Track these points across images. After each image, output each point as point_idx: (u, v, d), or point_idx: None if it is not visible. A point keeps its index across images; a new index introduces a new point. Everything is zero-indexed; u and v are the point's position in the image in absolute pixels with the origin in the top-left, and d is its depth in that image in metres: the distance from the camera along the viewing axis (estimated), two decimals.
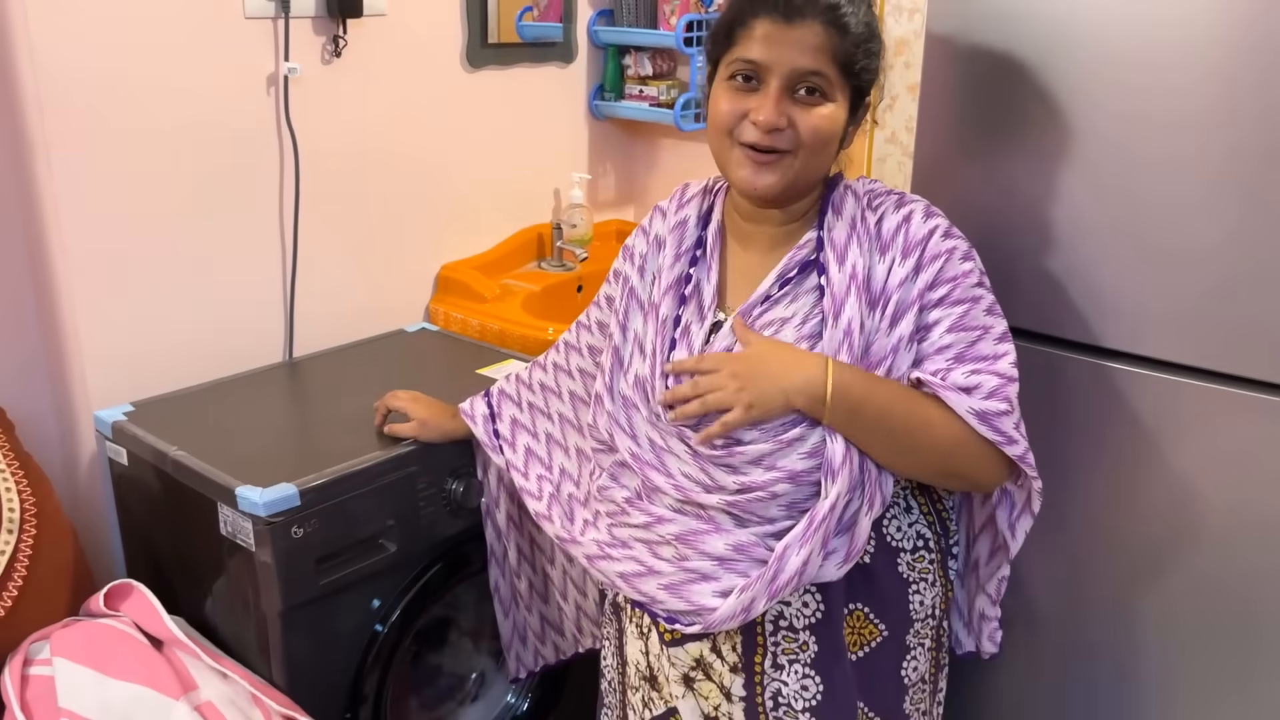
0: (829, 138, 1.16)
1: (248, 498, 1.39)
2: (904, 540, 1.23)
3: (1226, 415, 1.25)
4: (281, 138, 1.84)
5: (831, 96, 1.14)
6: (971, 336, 1.16)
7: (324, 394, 1.80)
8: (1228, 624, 1.32)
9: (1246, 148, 1.18)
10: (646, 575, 1.21)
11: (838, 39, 1.12)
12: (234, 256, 1.83)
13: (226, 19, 1.73)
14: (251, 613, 1.47)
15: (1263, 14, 1.14)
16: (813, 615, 1.20)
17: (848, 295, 1.15)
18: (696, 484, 1.19)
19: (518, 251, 2.30)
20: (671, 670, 1.28)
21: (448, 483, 1.58)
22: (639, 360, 1.27)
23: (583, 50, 2.35)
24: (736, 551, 1.16)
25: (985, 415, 1.12)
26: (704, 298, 1.25)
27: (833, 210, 1.21)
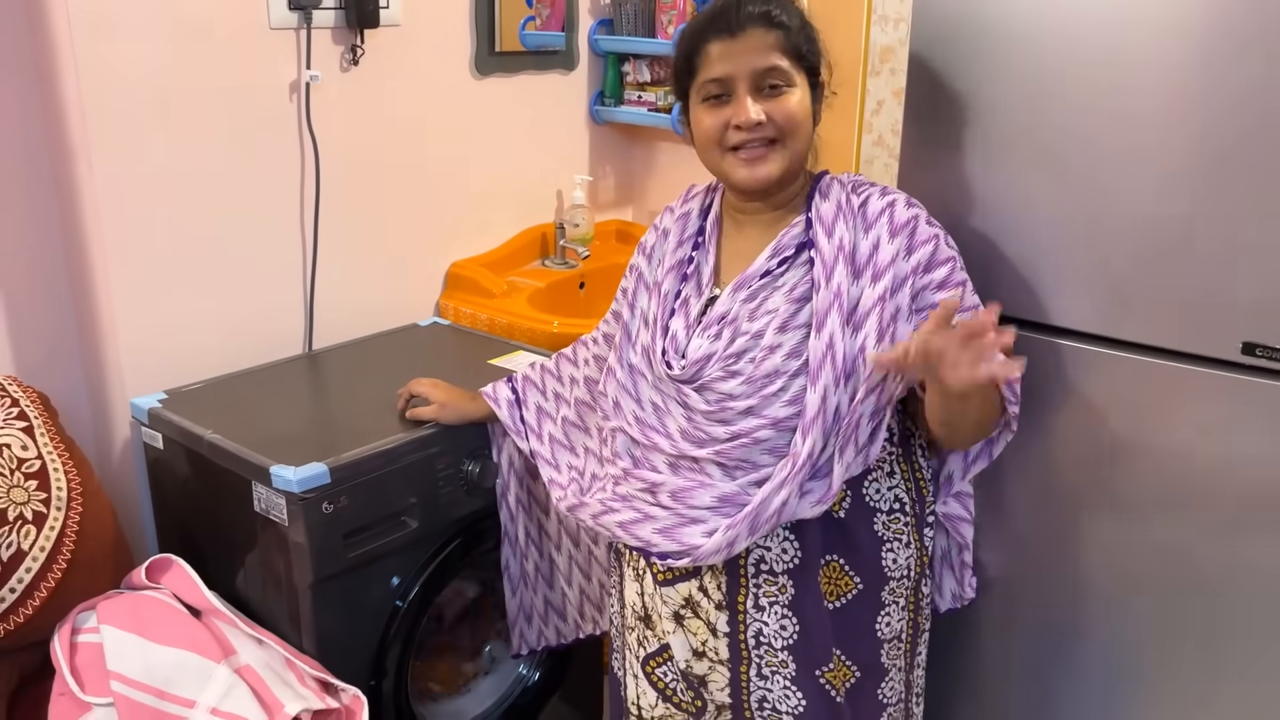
0: (803, 118, 1.31)
1: (282, 475, 1.49)
2: (881, 501, 1.36)
3: (1186, 393, 1.36)
4: (303, 142, 1.94)
5: (793, 83, 1.30)
6: (967, 316, 1.27)
7: (344, 382, 1.91)
8: (1188, 590, 1.42)
9: (1203, 141, 1.29)
10: (643, 521, 1.36)
11: (779, 35, 1.29)
12: (259, 254, 1.93)
13: (253, 30, 1.84)
14: (283, 585, 1.57)
15: (1218, 17, 1.25)
16: (791, 561, 1.34)
17: (836, 263, 1.28)
18: (691, 440, 1.33)
19: (523, 250, 2.41)
20: (663, 608, 1.41)
21: (465, 463, 1.68)
22: (644, 332, 1.42)
23: (584, 58, 2.46)
24: (722, 501, 1.31)
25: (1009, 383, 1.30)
26: (703, 276, 1.40)
27: (820, 195, 1.35)
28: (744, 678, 1.39)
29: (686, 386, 1.34)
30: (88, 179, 1.68)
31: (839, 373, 1.25)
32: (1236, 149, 1.27)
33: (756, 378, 1.29)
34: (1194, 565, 1.41)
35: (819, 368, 1.25)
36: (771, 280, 1.32)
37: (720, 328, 1.33)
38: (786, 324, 1.29)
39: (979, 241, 1.49)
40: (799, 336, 1.29)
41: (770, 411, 1.28)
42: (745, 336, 1.30)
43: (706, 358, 1.32)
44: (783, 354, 1.28)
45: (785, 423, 1.28)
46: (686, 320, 1.37)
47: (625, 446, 1.42)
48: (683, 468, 1.34)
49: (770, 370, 1.28)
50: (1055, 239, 1.43)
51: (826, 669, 1.36)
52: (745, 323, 1.31)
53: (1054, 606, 1.55)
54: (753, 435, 1.29)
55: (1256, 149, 1.25)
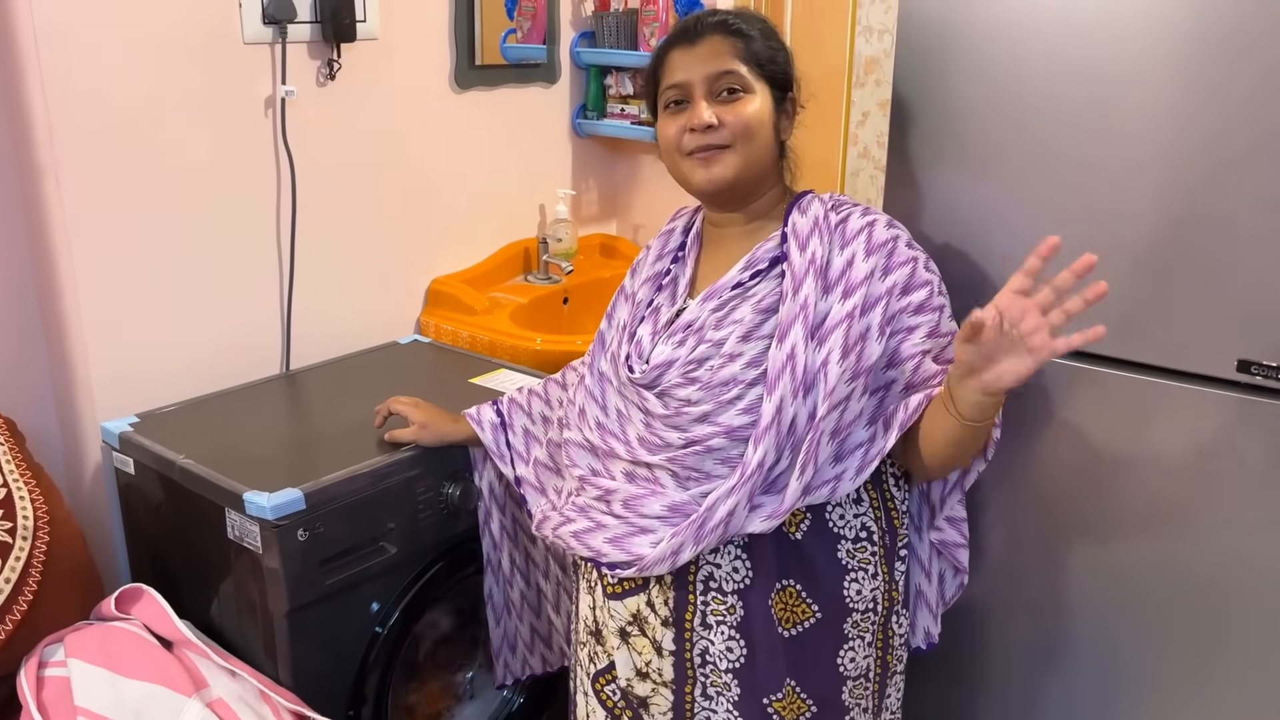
0: (757, 124, 1.30)
1: (255, 502, 1.45)
2: (846, 528, 1.32)
3: (1180, 411, 1.34)
4: (279, 158, 1.91)
5: (750, 89, 1.30)
6: (944, 341, 1.29)
7: (322, 404, 1.87)
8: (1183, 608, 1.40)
9: (1194, 156, 1.27)
10: (595, 530, 1.35)
11: (738, 42, 1.30)
12: (233, 273, 1.89)
13: (227, 44, 1.80)
14: (258, 614, 1.53)
15: (1209, 29, 1.23)
16: (741, 580, 1.31)
17: (806, 276, 1.26)
18: (646, 446, 1.32)
19: (505, 265, 2.37)
20: (610, 622, 1.39)
21: (445, 487, 1.64)
22: (616, 338, 1.42)
23: (565, 71, 2.43)
24: (672, 510, 1.29)
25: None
26: (678, 287, 1.41)
27: (798, 210, 1.34)
28: (688, 699, 1.36)
29: (647, 391, 1.33)
30: (55, 197, 1.64)
31: (798, 384, 1.23)
32: (1227, 164, 1.25)
33: (714, 384, 1.27)
34: (1188, 583, 1.38)
35: (777, 377, 1.23)
36: (742, 292, 1.31)
37: (685, 335, 1.32)
38: (750, 334, 1.28)
39: (965, 255, 1.46)
40: (761, 347, 1.27)
41: (725, 419, 1.26)
42: (707, 344, 1.30)
43: (667, 363, 1.32)
44: (742, 362, 1.27)
45: (739, 432, 1.26)
46: (654, 327, 1.38)
47: (584, 456, 1.41)
48: (638, 476, 1.33)
49: (728, 378, 1.27)
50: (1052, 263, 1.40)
51: (775, 698, 1.32)
52: (710, 331, 1.31)
53: (1047, 624, 1.52)
54: (706, 443, 1.27)
55: (1247, 164, 1.23)
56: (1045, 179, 1.38)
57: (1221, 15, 1.22)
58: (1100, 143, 1.33)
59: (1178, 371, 1.33)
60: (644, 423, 1.33)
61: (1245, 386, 1.29)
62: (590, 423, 1.41)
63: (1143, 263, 1.33)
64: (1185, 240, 1.29)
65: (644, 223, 2.60)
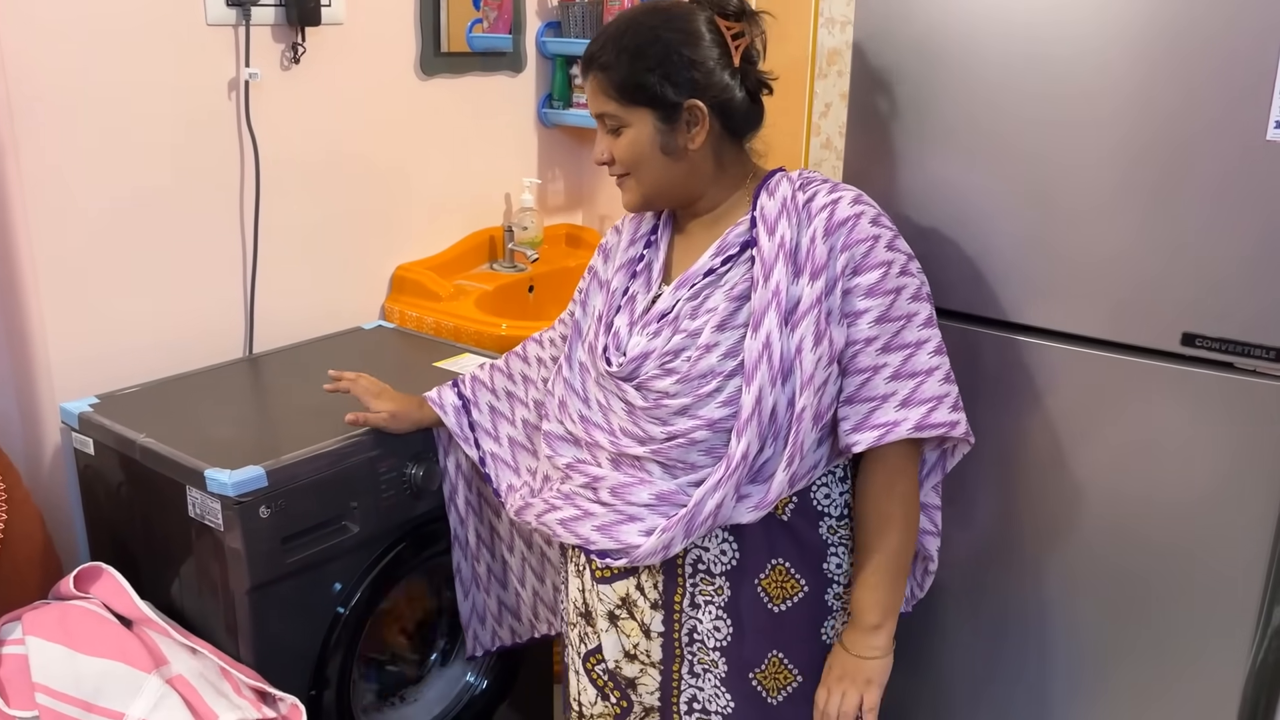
0: (638, 155, 1.30)
1: (217, 479, 1.45)
2: (830, 506, 1.33)
3: (1128, 383, 1.37)
4: (242, 141, 1.90)
5: (626, 123, 1.29)
6: (896, 326, 1.25)
7: (285, 386, 1.86)
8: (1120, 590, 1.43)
9: (1139, 137, 1.30)
10: (583, 518, 1.35)
11: (604, 80, 1.29)
12: (196, 255, 1.89)
13: (189, 26, 1.80)
14: (219, 592, 1.53)
15: (1152, 17, 1.27)
16: (729, 562, 1.32)
17: (776, 261, 1.25)
18: (631, 437, 1.32)
19: (471, 253, 2.38)
20: (599, 606, 1.40)
21: (408, 467, 1.65)
22: (593, 329, 1.40)
23: (532, 60, 2.45)
24: (659, 499, 1.29)
25: (921, 427, 1.24)
26: (652, 272, 1.39)
27: (766, 192, 1.32)
28: (675, 675, 1.38)
29: (625, 384, 1.33)
30: (15, 176, 1.63)
31: (775, 372, 1.23)
32: (1176, 148, 1.28)
33: (691, 376, 1.27)
34: (1140, 554, 1.41)
35: (754, 367, 1.23)
36: (715, 279, 1.30)
37: (660, 325, 1.31)
38: (725, 323, 1.27)
39: (924, 240, 1.49)
40: (736, 336, 1.26)
41: (705, 412, 1.26)
42: (683, 335, 1.29)
43: (644, 355, 1.31)
44: (719, 353, 1.26)
45: (721, 424, 1.26)
46: (631, 317, 1.36)
47: (567, 448, 1.41)
48: (624, 464, 1.34)
49: (705, 370, 1.26)
50: (998, 236, 1.44)
51: (758, 670, 1.34)
52: (685, 321, 1.29)
53: (1013, 597, 1.55)
54: (689, 436, 1.27)
55: (1196, 148, 1.27)
56: (999, 165, 1.41)
57: (1175, 6, 1.25)
58: (1054, 130, 1.36)
59: (1122, 345, 1.37)
60: (626, 413, 1.33)
61: (1190, 359, 1.32)
62: (572, 415, 1.40)
63: (1092, 241, 1.36)
64: (1135, 222, 1.32)
65: (609, 213, 2.62)
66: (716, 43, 1.28)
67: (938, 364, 1.26)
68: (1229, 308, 1.28)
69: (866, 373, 1.25)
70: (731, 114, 1.30)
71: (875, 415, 1.25)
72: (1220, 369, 1.30)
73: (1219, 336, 1.29)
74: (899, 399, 1.24)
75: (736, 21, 1.29)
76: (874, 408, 1.25)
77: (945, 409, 1.25)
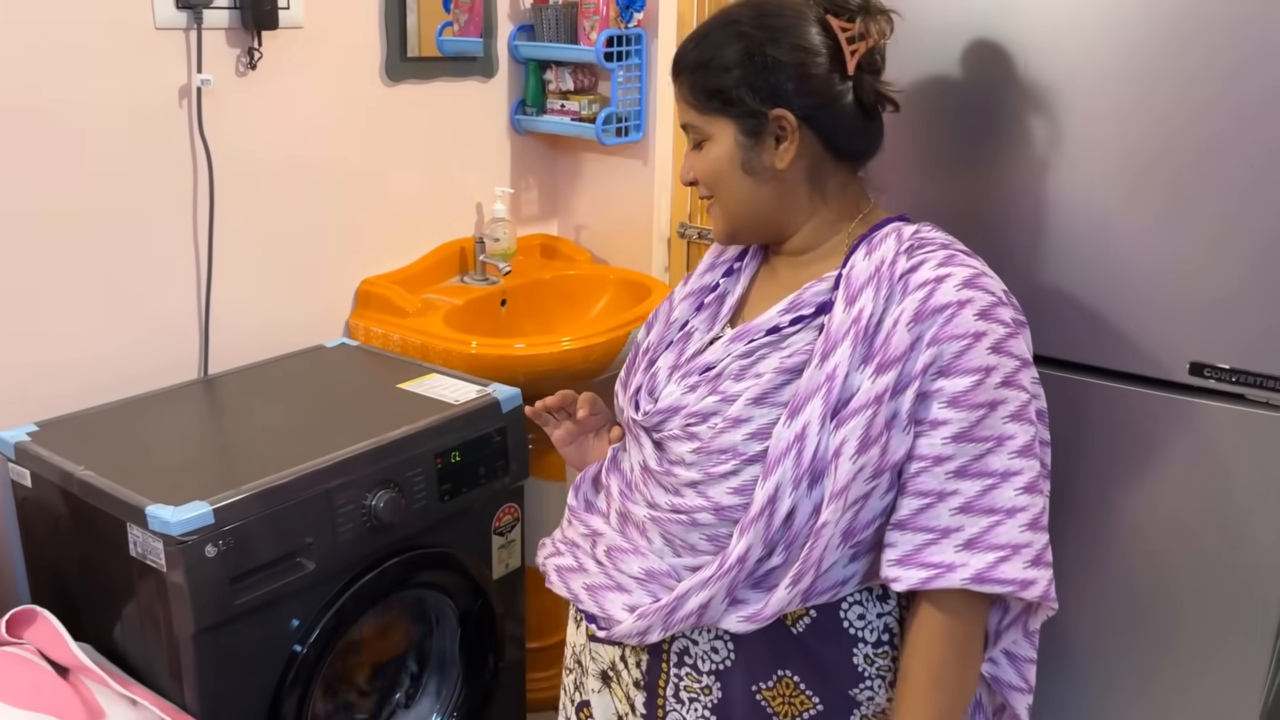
0: (718, 174, 1.13)
1: (159, 516, 1.35)
2: (866, 630, 1.11)
3: (1134, 414, 1.29)
4: (195, 150, 1.80)
5: (707, 135, 1.13)
6: (979, 449, 1.03)
7: (240, 411, 1.77)
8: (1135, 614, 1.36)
9: (1144, 162, 1.23)
10: (576, 572, 1.22)
11: (685, 85, 1.13)
12: (146, 271, 1.78)
13: (137, 30, 1.69)
14: (163, 636, 1.43)
15: (1155, 25, 1.19)
16: (721, 662, 1.15)
17: (843, 339, 1.04)
18: (640, 494, 1.17)
19: (440, 266, 2.28)
20: (592, 664, 1.29)
21: (367, 498, 1.55)
22: (640, 362, 1.24)
23: (504, 65, 2.35)
24: (648, 576, 1.14)
25: (982, 579, 1.03)
26: (721, 309, 1.21)
27: (865, 248, 1.10)
28: None
29: (645, 435, 1.17)
30: None
31: (802, 472, 1.02)
32: (1180, 165, 1.20)
33: (710, 449, 1.08)
34: (1143, 585, 1.34)
35: (778, 460, 1.03)
36: (777, 339, 1.10)
37: (700, 380, 1.13)
38: (764, 397, 1.07)
39: None
40: (771, 417, 1.06)
41: (714, 494, 1.08)
42: (717, 398, 1.10)
43: (673, 409, 1.13)
44: (745, 431, 1.07)
45: (728, 512, 1.08)
46: (676, 359, 1.18)
47: (584, 484, 1.28)
48: (630, 524, 1.18)
49: (726, 446, 1.07)
50: (997, 261, 1.35)
51: None
52: (728, 382, 1.10)
53: None
54: (693, 515, 1.10)
55: (1202, 165, 1.19)
56: (995, 180, 1.33)
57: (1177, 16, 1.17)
58: (1051, 143, 1.28)
59: (1130, 375, 1.29)
60: (640, 469, 1.17)
61: (1198, 390, 1.24)
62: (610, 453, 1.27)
63: (1095, 265, 1.28)
64: (1138, 242, 1.24)
65: (586, 222, 2.52)
66: (826, 45, 1.08)
67: (1025, 504, 1.03)
68: (1240, 335, 1.20)
69: (929, 498, 1.04)
70: (835, 130, 1.09)
71: (927, 551, 1.03)
72: (1231, 400, 1.22)
73: (1230, 366, 1.21)
74: (963, 538, 1.03)
75: (852, 21, 1.08)
76: (929, 542, 1.04)
77: (1019, 563, 1.02)
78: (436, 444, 1.66)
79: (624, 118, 2.30)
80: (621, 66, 2.25)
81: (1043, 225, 1.30)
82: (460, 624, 1.81)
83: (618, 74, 2.25)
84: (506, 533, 1.84)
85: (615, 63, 2.23)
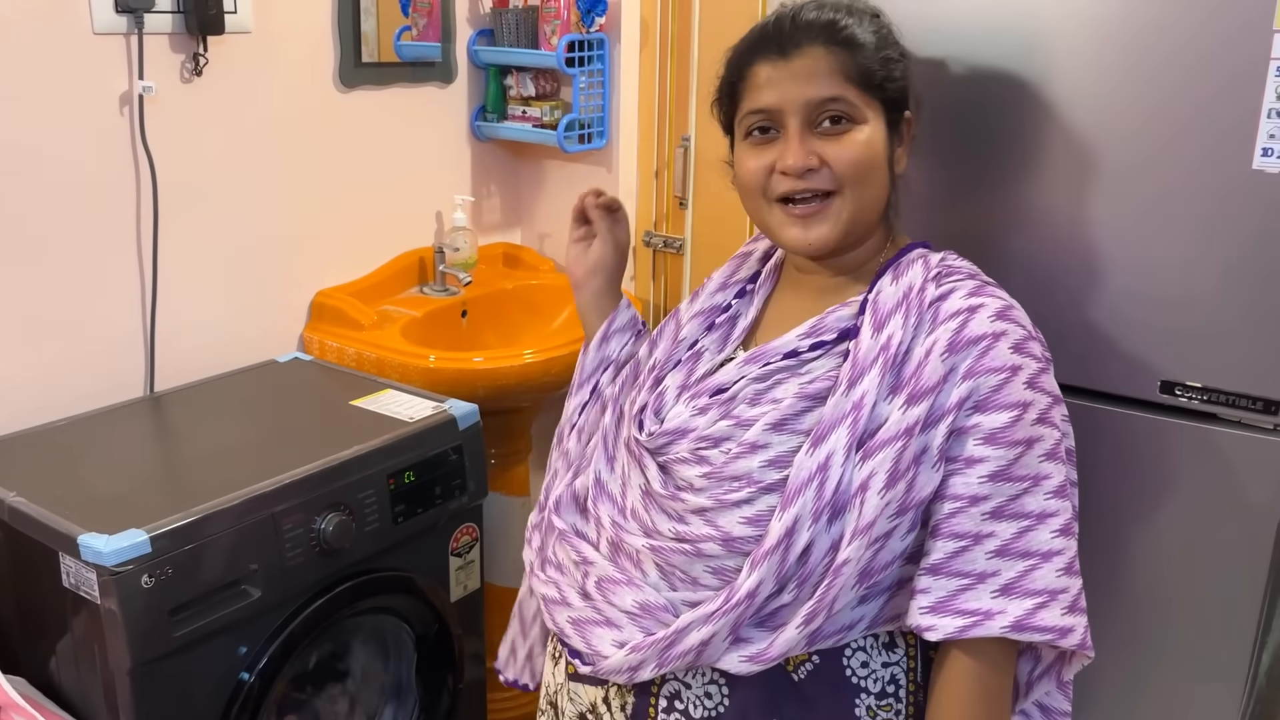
0: (870, 165, 1.04)
1: (91, 546, 1.29)
2: (869, 680, 1.05)
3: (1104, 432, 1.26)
4: (137, 159, 1.74)
5: (861, 119, 1.04)
6: (1017, 489, 0.98)
7: (185, 431, 1.70)
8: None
9: (1114, 179, 1.19)
10: (560, 605, 1.14)
11: (847, 56, 1.03)
12: (85, 285, 1.72)
13: (73, 34, 1.63)
14: (98, 671, 1.37)
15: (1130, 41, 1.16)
16: (714, 709, 1.07)
17: (871, 367, 0.99)
18: (637, 522, 1.10)
19: (398, 276, 2.22)
20: (569, 706, 1.19)
21: (316, 522, 1.49)
22: (643, 379, 1.18)
23: (463, 70, 2.30)
24: (643, 611, 1.06)
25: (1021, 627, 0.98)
26: (733, 331, 1.16)
27: (892, 273, 1.06)
28: None
29: (650, 457, 1.10)
30: None
31: (823, 505, 0.97)
32: (1151, 186, 1.17)
33: (723, 476, 1.02)
34: (1114, 603, 1.30)
35: (798, 491, 0.97)
36: (795, 364, 1.05)
37: (711, 403, 1.07)
38: (783, 423, 1.01)
39: None
40: (791, 445, 1.01)
41: (725, 524, 1.02)
42: (731, 422, 1.04)
43: (680, 431, 1.07)
44: (763, 458, 1.01)
45: (739, 544, 1.01)
46: (685, 379, 1.13)
47: (570, 511, 1.20)
48: (622, 554, 1.10)
49: (741, 473, 1.01)
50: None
51: None
52: (741, 406, 1.05)
53: None
54: (698, 546, 1.03)
55: (1172, 186, 1.16)
56: (967, 201, 1.30)
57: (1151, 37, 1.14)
58: (1023, 164, 1.24)
59: (1099, 393, 1.25)
60: (641, 493, 1.10)
61: (1169, 409, 1.21)
62: (592, 473, 1.17)
63: (1065, 283, 1.24)
64: (1109, 261, 1.21)
65: (550, 231, 2.47)
66: None
67: (1061, 547, 0.99)
68: (1211, 354, 1.16)
69: (965, 540, 0.98)
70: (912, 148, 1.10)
71: (963, 598, 0.98)
72: (1203, 420, 1.19)
73: (1201, 385, 1.17)
74: (999, 583, 0.98)
75: None
76: (964, 587, 0.98)
77: (1058, 610, 0.98)
78: (389, 464, 1.60)
79: (587, 124, 2.25)
80: (584, 72, 2.20)
81: (1014, 246, 1.27)
82: (417, 649, 1.76)
83: (580, 79, 2.20)
84: (465, 553, 1.79)
85: (577, 68, 2.18)
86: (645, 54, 2.27)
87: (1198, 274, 1.16)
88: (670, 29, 2.24)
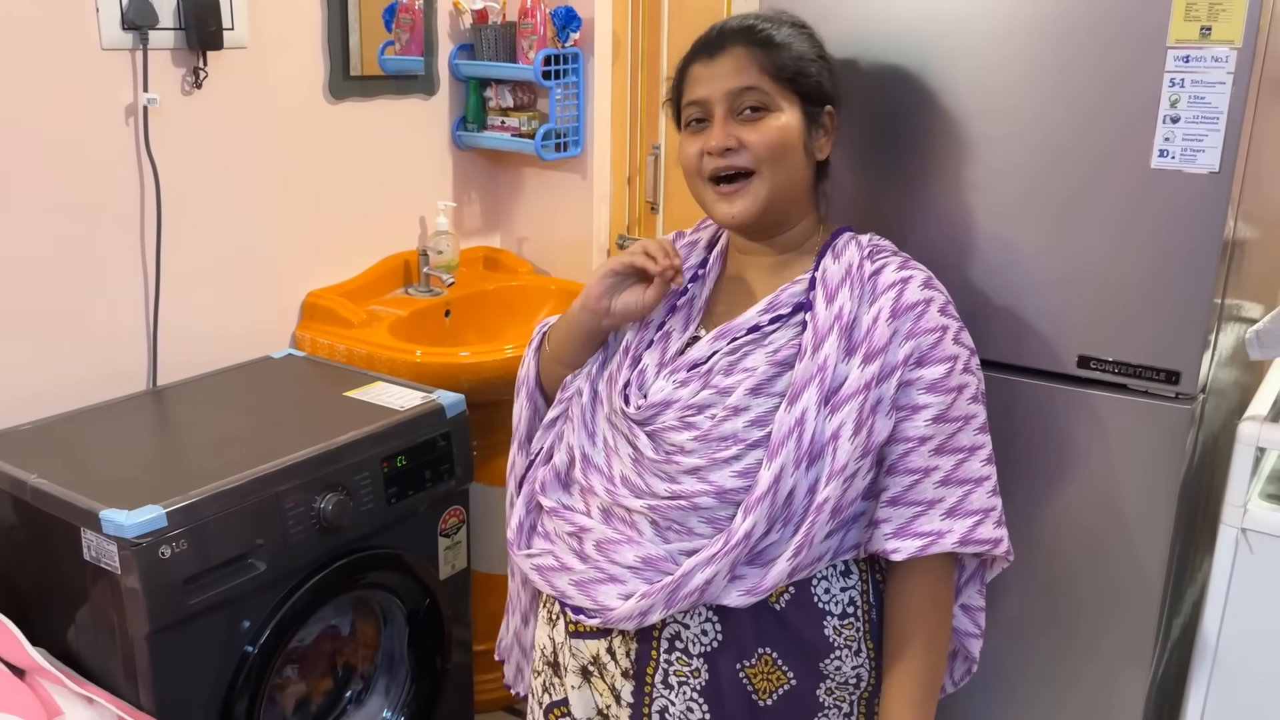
0: (784, 147, 1.19)
1: (113, 520, 1.40)
2: (832, 603, 1.21)
3: (1024, 404, 1.40)
4: (142, 168, 1.85)
5: (776, 107, 1.19)
6: (953, 428, 1.18)
7: (189, 420, 1.81)
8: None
9: (1033, 164, 1.33)
10: (559, 571, 1.25)
11: (762, 54, 1.19)
12: (94, 287, 1.83)
13: (83, 50, 1.74)
14: (117, 638, 1.47)
15: (1049, 27, 1.30)
16: (710, 644, 1.20)
17: (829, 333, 1.15)
18: (629, 488, 1.21)
19: (385, 278, 2.34)
20: (571, 661, 1.29)
21: (316, 501, 1.61)
22: (618, 360, 1.29)
23: (445, 83, 2.42)
24: (645, 563, 1.18)
25: (966, 541, 1.17)
26: (692, 311, 1.29)
27: (832, 253, 1.23)
28: None
29: (638, 429, 1.22)
30: None
31: (802, 453, 1.13)
32: (1067, 170, 1.31)
33: (711, 437, 1.16)
34: (1038, 571, 1.44)
35: (781, 443, 1.13)
36: (759, 337, 1.20)
37: (690, 375, 1.21)
38: (761, 387, 1.17)
39: None
40: (769, 405, 1.16)
41: (717, 478, 1.16)
42: (712, 390, 1.18)
43: (666, 403, 1.20)
44: (746, 419, 1.16)
45: (730, 495, 1.15)
46: (661, 357, 1.26)
47: (555, 489, 1.30)
48: (615, 518, 1.22)
49: (729, 433, 1.16)
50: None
51: None
52: (719, 376, 1.19)
53: None
54: (693, 500, 1.16)
55: (1088, 169, 1.30)
56: (903, 193, 1.43)
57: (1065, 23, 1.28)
58: (954, 160, 1.38)
59: (1025, 368, 1.39)
60: (632, 461, 1.22)
61: (1086, 380, 1.35)
62: (575, 452, 1.28)
63: (993, 270, 1.38)
64: (1033, 250, 1.35)
65: (528, 235, 2.60)
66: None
67: (988, 474, 1.19)
68: (1122, 331, 1.31)
69: (916, 474, 1.17)
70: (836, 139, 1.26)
71: (919, 522, 1.17)
72: (1115, 390, 1.34)
73: (1113, 359, 1.32)
74: (945, 507, 1.17)
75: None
76: (918, 514, 1.17)
77: (990, 524, 1.18)
78: (383, 449, 1.72)
79: (563, 133, 2.38)
80: (559, 84, 2.33)
81: (946, 236, 1.40)
82: (409, 623, 1.87)
83: (556, 92, 2.33)
84: (453, 534, 1.90)
85: (553, 81, 2.31)
86: (617, 67, 2.41)
87: (1109, 261, 1.30)
88: (640, 44, 2.38)
